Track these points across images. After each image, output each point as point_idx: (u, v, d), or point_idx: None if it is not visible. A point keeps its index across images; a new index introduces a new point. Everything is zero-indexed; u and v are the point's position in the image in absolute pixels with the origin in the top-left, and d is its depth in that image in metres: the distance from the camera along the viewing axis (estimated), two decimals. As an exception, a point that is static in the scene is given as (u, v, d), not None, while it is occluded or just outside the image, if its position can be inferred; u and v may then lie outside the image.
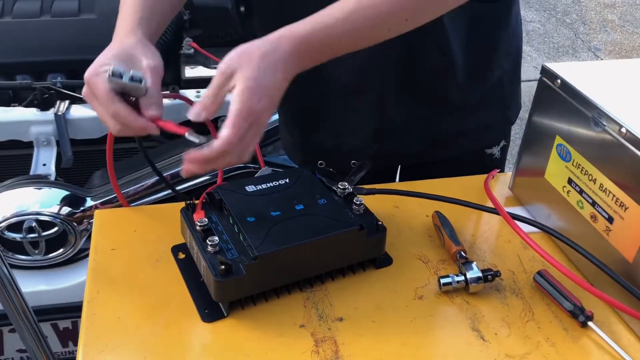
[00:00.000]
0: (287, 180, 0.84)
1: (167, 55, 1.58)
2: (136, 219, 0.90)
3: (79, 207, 1.29)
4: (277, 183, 0.84)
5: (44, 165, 1.36)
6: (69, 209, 1.29)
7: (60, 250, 1.32)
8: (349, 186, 0.84)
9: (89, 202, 1.31)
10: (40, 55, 1.54)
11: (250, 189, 0.82)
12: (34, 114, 1.38)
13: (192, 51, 1.61)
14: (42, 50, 1.55)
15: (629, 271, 0.73)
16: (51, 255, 1.32)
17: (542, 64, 0.89)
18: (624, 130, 0.72)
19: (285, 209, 0.78)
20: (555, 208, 0.87)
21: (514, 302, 0.78)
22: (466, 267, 0.78)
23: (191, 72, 1.57)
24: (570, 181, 0.83)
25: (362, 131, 1.05)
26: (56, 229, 1.29)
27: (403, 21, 0.76)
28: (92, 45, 1.15)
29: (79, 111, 1.41)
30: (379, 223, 0.80)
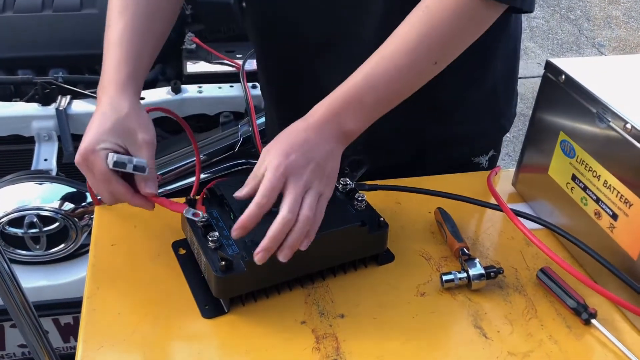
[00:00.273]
0: (289, 176, 0.83)
1: (170, 50, 1.58)
2: (136, 214, 0.89)
3: (80, 202, 1.29)
4: (279, 179, 0.83)
5: (45, 160, 1.36)
6: (70, 204, 1.29)
7: (62, 246, 1.32)
8: (350, 182, 0.83)
9: (89, 197, 1.31)
10: (41, 50, 1.54)
11: (251, 184, 0.82)
12: (35, 108, 1.38)
13: (194, 46, 1.61)
14: (44, 45, 1.55)
15: (633, 268, 0.73)
16: (52, 250, 1.32)
17: (545, 60, 0.88)
18: (629, 126, 0.72)
19: (287, 205, 0.78)
20: (559, 205, 0.87)
21: (516, 299, 0.77)
22: (469, 264, 0.78)
23: (193, 67, 1.56)
24: (574, 177, 0.82)
25: None
26: (57, 224, 1.29)
27: (432, 65, 0.77)
28: (94, 40, 1.15)
29: (80, 106, 1.41)
30: (380, 219, 0.80)
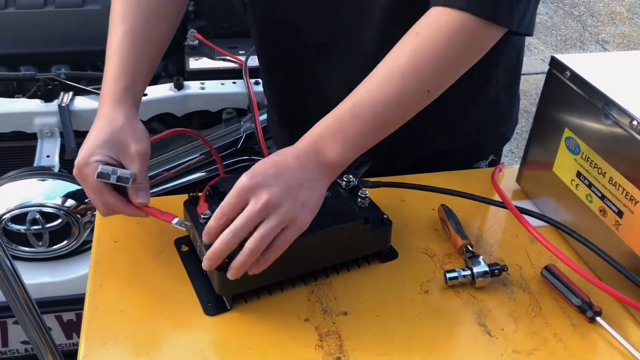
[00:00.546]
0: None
1: (172, 46, 1.57)
2: (139, 211, 0.89)
3: (82, 199, 1.29)
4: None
5: (48, 156, 1.35)
6: (72, 201, 1.28)
7: (64, 242, 1.32)
8: (354, 179, 0.83)
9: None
10: (44, 46, 1.54)
11: (254, 181, 0.81)
12: (37, 105, 1.38)
13: (196, 42, 1.60)
14: (46, 42, 1.55)
15: (638, 266, 0.72)
16: (55, 247, 1.32)
17: (548, 56, 0.87)
18: (635, 122, 0.71)
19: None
20: (563, 202, 0.86)
21: (521, 297, 0.77)
22: (473, 261, 0.77)
23: (195, 63, 1.56)
24: (579, 174, 0.82)
25: None
26: (60, 220, 1.28)
27: (425, 93, 0.74)
28: (97, 36, 1.14)
29: (82, 103, 1.41)
30: (384, 216, 0.79)
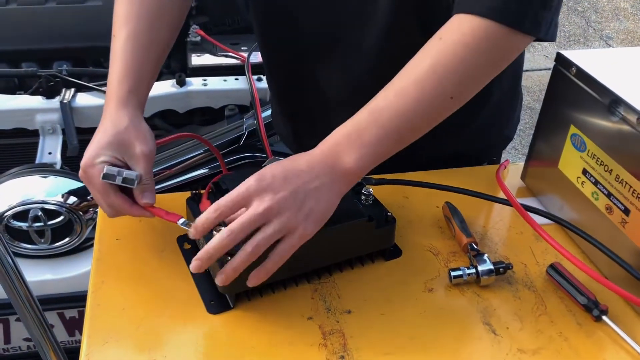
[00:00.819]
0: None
1: (174, 43, 1.56)
2: (141, 208, 0.89)
3: (84, 196, 1.28)
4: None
5: (50, 153, 1.35)
6: (74, 198, 1.28)
7: (66, 240, 1.31)
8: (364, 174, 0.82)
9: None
10: (45, 43, 1.53)
11: (257, 178, 0.81)
12: (39, 102, 1.38)
13: (198, 38, 1.59)
14: (48, 38, 1.54)
15: (645, 264, 0.72)
16: (57, 244, 1.32)
17: (552, 52, 0.86)
18: (642, 119, 0.70)
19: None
20: (569, 199, 0.85)
21: (526, 295, 0.76)
22: (477, 260, 0.77)
23: (198, 60, 1.55)
24: (585, 172, 0.81)
25: None
26: (62, 218, 1.28)
27: (448, 100, 0.71)
28: (98, 32, 1.14)
29: (84, 99, 1.41)
30: (388, 214, 0.79)
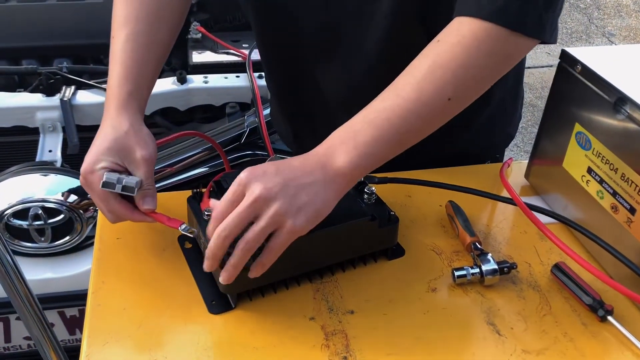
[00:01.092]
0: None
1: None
2: (142, 207, 0.88)
3: (85, 194, 1.27)
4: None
5: (50, 151, 1.35)
6: (75, 196, 1.27)
7: (67, 238, 1.31)
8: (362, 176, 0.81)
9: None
10: (46, 40, 1.53)
11: (258, 177, 0.80)
12: (39, 99, 1.37)
13: (199, 35, 1.59)
14: (48, 35, 1.54)
15: (651, 264, 0.71)
16: (57, 242, 1.31)
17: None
18: (648, 117, 0.69)
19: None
20: (573, 198, 0.85)
21: (530, 295, 0.75)
22: (481, 259, 0.76)
23: (198, 57, 1.54)
24: (590, 170, 0.80)
25: None
26: (62, 216, 1.28)
27: (446, 101, 0.69)
28: (99, 29, 1.13)
29: (85, 97, 1.40)
30: (391, 213, 0.78)
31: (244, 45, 1.57)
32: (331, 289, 0.75)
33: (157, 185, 1.31)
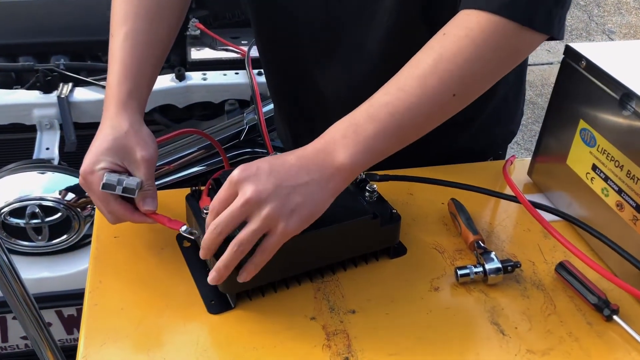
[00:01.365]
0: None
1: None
2: (140, 205, 0.87)
3: (83, 192, 1.26)
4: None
5: (47, 149, 1.33)
6: (72, 194, 1.26)
7: (64, 237, 1.30)
8: (361, 173, 0.80)
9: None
10: (43, 37, 1.52)
11: (258, 174, 0.79)
12: (36, 96, 1.36)
13: (198, 32, 1.58)
14: (45, 32, 1.53)
15: (657, 263, 0.70)
16: (55, 241, 1.30)
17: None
18: (655, 113, 0.68)
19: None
20: (578, 196, 0.83)
21: (534, 294, 0.74)
22: (485, 258, 0.75)
23: (197, 54, 1.53)
24: (594, 167, 0.79)
25: None
26: (59, 214, 1.26)
27: (450, 97, 0.68)
28: (97, 26, 1.12)
29: (82, 94, 1.39)
30: (393, 211, 0.77)
31: (243, 42, 1.56)
32: (332, 288, 0.74)
33: (155, 184, 1.31)
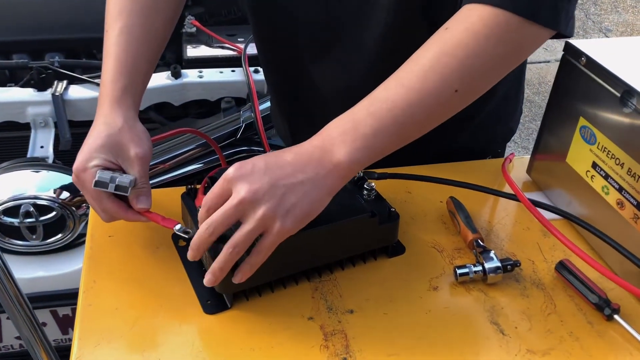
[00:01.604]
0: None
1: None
2: (135, 204, 0.86)
3: (77, 191, 1.25)
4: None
5: (42, 147, 1.32)
6: (67, 193, 1.25)
7: (59, 236, 1.29)
8: (359, 171, 0.79)
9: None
10: (37, 34, 1.50)
11: (255, 172, 0.78)
12: (30, 94, 1.35)
13: (194, 29, 1.57)
14: (40, 29, 1.52)
15: (658, 261, 0.69)
16: (49, 240, 1.29)
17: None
18: (656, 110, 0.68)
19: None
20: (578, 194, 0.83)
21: (534, 293, 0.74)
22: (484, 257, 0.74)
23: (193, 51, 1.52)
24: (594, 165, 0.78)
25: None
26: (54, 213, 1.25)
27: (452, 93, 0.66)
28: (92, 23, 1.11)
29: (77, 92, 1.38)
30: (391, 209, 0.76)
31: (239, 40, 1.54)
32: (330, 287, 0.73)
33: (150, 182, 1.30)
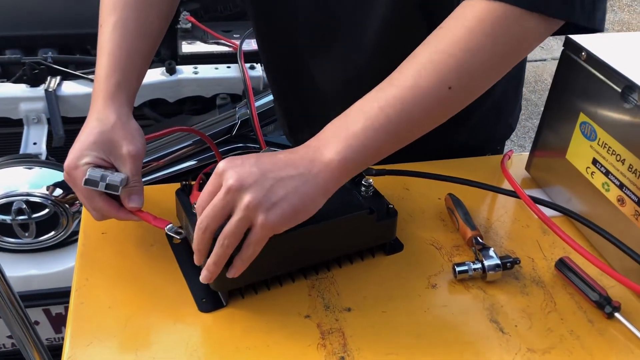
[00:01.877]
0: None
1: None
2: (129, 200, 0.85)
3: (70, 188, 1.24)
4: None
5: (35, 144, 1.31)
6: (60, 190, 1.24)
7: (52, 233, 1.27)
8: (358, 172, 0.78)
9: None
10: (30, 29, 1.49)
11: (250, 169, 0.76)
12: (23, 90, 1.34)
13: (189, 25, 1.56)
14: (33, 24, 1.51)
15: (660, 259, 0.68)
16: (42, 238, 1.27)
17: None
18: (658, 106, 0.67)
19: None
20: (577, 191, 0.82)
21: (534, 291, 0.73)
22: (483, 254, 0.73)
23: (188, 47, 1.51)
24: (595, 162, 0.77)
25: None
26: (47, 210, 1.24)
27: (446, 90, 0.63)
28: (85, 18, 1.10)
29: (70, 87, 1.37)
30: (389, 206, 0.75)
31: (235, 36, 1.53)
32: (327, 285, 0.72)
33: (143, 180, 1.28)
